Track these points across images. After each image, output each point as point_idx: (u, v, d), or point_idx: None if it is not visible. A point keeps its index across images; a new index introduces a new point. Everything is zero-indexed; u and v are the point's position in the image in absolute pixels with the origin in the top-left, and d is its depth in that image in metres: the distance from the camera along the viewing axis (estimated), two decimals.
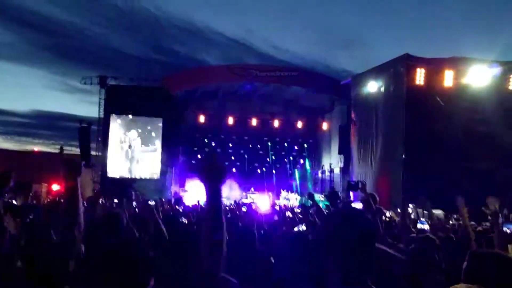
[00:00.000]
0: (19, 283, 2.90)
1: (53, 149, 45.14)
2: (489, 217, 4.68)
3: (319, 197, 24.19)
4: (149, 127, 27.10)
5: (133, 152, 27.01)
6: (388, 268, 3.51)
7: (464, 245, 4.52)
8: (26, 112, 56.69)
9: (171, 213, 9.18)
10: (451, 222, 9.40)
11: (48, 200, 14.86)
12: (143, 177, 26.38)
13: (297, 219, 9.18)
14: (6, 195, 5.69)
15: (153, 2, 73.08)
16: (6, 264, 2.97)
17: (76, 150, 26.92)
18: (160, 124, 26.96)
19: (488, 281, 2.52)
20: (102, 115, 26.78)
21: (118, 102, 26.36)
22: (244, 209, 13.22)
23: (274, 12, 75.56)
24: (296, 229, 6.55)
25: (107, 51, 63.33)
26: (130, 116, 26.88)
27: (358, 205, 6.19)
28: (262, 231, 6.14)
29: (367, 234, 1.98)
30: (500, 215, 4.47)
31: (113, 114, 26.78)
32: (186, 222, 7.79)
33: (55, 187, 20.88)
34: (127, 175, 26.36)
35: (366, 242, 1.96)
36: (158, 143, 26.99)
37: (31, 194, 7.70)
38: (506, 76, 19.05)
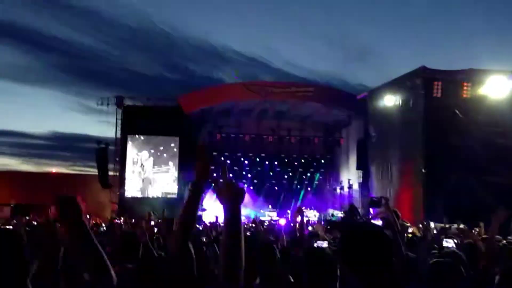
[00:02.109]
0: None
1: (71, 170, 45.43)
2: None
3: (338, 214, 24.07)
4: (161, 148, 27.24)
5: (145, 173, 27.13)
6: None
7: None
8: (43, 134, 57.25)
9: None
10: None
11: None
12: (157, 197, 26.46)
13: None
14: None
15: (168, 22, 74.10)
16: None
17: (94, 171, 27.10)
18: (173, 145, 27.07)
19: None
20: (119, 136, 26.97)
21: (134, 122, 26.58)
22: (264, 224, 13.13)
23: (289, 28, 75.88)
24: (315, 245, 6.43)
25: (123, 71, 63.97)
26: (142, 137, 27.05)
27: (378, 222, 6.05)
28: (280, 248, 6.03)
29: (385, 251, 2.00)
30: None
31: (130, 135, 26.97)
32: (205, 240, 7.74)
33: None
34: (140, 195, 26.45)
35: (383, 258, 1.98)
36: (171, 164, 27.12)
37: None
38: None
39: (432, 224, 8.49)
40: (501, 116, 18.06)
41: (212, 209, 23.84)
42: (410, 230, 10.84)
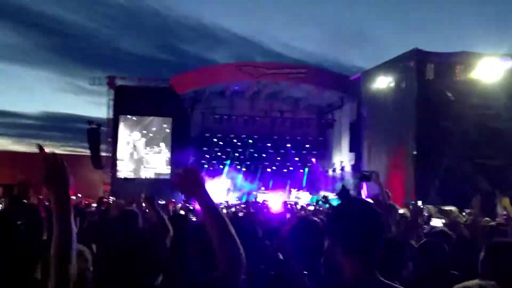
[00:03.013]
0: None
1: (63, 150, 45.27)
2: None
3: (330, 196, 24.15)
4: (154, 128, 27.13)
5: (138, 153, 27.07)
6: (399, 262, 3.42)
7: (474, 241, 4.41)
8: (35, 114, 56.94)
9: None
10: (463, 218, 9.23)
11: None
12: (150, 178, 26.44)
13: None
14: None
15: (161, 1, 73.18)
16: None
17: (87, 152, 27.04)
18: (165, 125, 26.98)
19: (506, 273, 2.43)
20: (111, 116, 26.84)
21: (126, 103, 26.41)
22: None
23: (283, 9, 75.35)
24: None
25: (115, 51, 63.46)
26: (134, 117, 26.91)
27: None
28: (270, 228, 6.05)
29: (375, 226, 1.98)
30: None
31: (122, 115, 26.84)
32: (195, 219, 7.75)
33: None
34: (133, 176, 26.39)
35: (373, 233, 1.97)
36: (162, 145, 27.05)
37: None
38: None
39: (420, 203, 8.56)
40: (493, 99, 18.11)
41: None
42: (401, 211, 10.93)
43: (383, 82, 21.11)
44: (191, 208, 10.73)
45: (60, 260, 2.10)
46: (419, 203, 9.00)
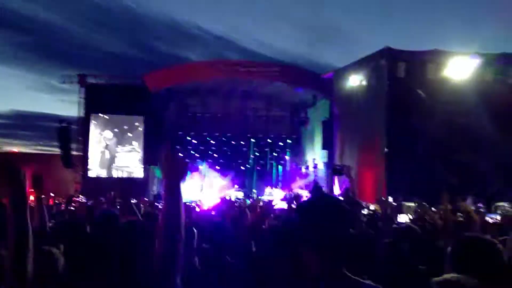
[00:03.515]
0: None
1: (33, 150, 44.59)
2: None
3: (303, 193, 24.28)
4: (126, 127, 26.86)
5: (110, 152, 26.78)
6: (369, 257, 3.45)
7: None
8: (5, 113, 55.89)
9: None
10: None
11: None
12: (122, 177, 26.17)
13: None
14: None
15: None
16: None
17: (57, 151, 26.64)
18: (138, 124, 26.75)
19: (474, 266, 2.46)
20: (82, 114, 26.52)
21: (98, 101, 26.13)
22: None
23: (257, 7, 75.44)
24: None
25: (86, 49, 62.72)
26: (106, 116, 26.61)
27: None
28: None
29: (341, 222, 1.98)
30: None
31: (93, 113, 26.54)
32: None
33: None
34: (105, 175, 26.11)
35: (340, 228, 1.96)
36: (135, 143, 26.84)
37: None
38: (486, 67, 19.09)
39: (390, 199, 8.66)
40: (463, 96, 18.37)
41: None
42: (372, 207, 11.03)
43: (355, 80, 21.28)
44: (160, 207, 10.65)
45: (15, 260, 2.08)
46: (390, 199, 9.08)
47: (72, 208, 8.62)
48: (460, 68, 18.69)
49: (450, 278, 2.26)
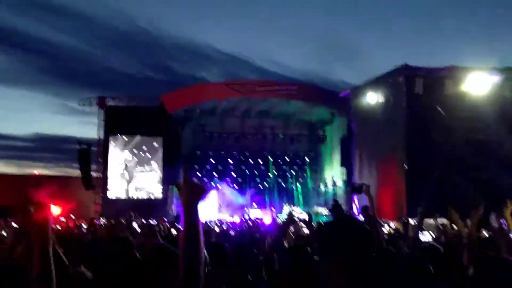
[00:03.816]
0: None
1: (54, 172, 45.00)
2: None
3: (322, 211, 24.18)
4: (144, 148, 27.03)
5: (129, 173, 26.94)
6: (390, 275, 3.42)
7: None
8: (26, 136, 56.78)
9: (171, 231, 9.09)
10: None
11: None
12: (141, 198, 26.30)
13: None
14: None
15: (151, 21, 73.52)
16: None
17: (77, 172, 26.89)
18: (157, 145, 26.92)
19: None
20: (102, 136, 26.79)
21: (117, 123, 26.41)
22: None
23: (272, 27, 75.87)
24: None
25: (105, 72, 63.54)
26: (125, 137, 26.84)
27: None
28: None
29: (361, 239, 1.94)
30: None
31: (112, 135, 26.80)
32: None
33: (55, 210, 20.73)
34: (125, 197, 26.23)
35: (360, 246, 1.92)
36: (154, 164, 26.95)
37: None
38: (505, 83, 18.95)
39: (411, 221, 8.56)
40: (482, 112, 18.26)
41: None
42: (392, 225, 10.95)
43: (372, 98, 21.24)
44: (179, 227, 10.67)
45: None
46: (411, 221, 8.99)
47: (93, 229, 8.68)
48: (479, 84, 18.58)
49: None
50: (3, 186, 27.76)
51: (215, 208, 26.35)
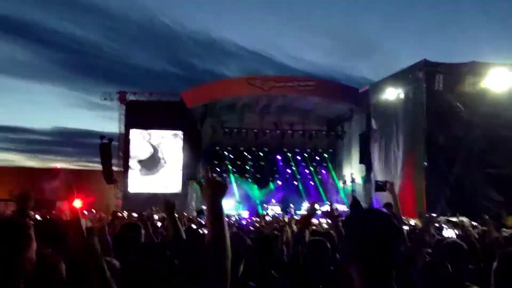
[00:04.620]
0: None
1: (75, 165, 45.54)
2: None
3: (341, 208, 24.13)
4: (164, 142, 27.28)
5: (150, 168, 27.19)
6: (409, 274, 3.48)
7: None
8: (47, 130, 57.51)
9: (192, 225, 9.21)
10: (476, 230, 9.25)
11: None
12: (162, 193, 26.52)
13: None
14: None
15: (171, 16, 73.93)
16: None
17: (98, 167, 27.23)
18: (177, 139, 27.15)
19: None
20: (122, 131, 27.10)
21: (137, 117, 26.71)
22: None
23: (291, 22, 75.85)
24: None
25: (126, 66, 64.16)
26: (145, 131, 27.12)
27: None
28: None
29: (389, 232, 1.93)
30: None
31: (133, 129, 27.08)
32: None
33: (77, 203, 21.04)
34: (145, 191, 26.47)
35: (388, 240, 1.91)
36: (174, 159, 27.16)
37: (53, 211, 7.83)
38: None
39: (434, 215, 8.55)
40: (503, 109, 18.12)
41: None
42: (412, 222, 10.95)
43: (392, 94, 21.13)
44: (203, 222, 10.80)
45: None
46: (433, 215, 8.99)
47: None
48: (499, 80, 18.41)
49: None
50: (26, 180, 28.21)
51: (234, 204, 26.49)
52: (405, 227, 7.30)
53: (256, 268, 4.01)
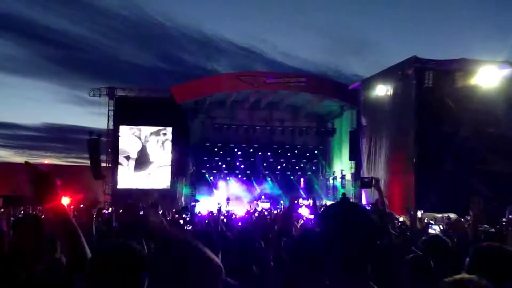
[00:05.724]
0: None
1: (64, 161, 45.33)
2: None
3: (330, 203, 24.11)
4: (154, 139, 27.15)
5: (138, 164, 27.05)
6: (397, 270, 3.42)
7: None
8: (36, 126, 56.93)
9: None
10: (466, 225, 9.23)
11: None
12: (151, 188, 26.41)
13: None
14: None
15: (162, 12, 73.52)
16: None
17: (87, 163, 27.04)
18: (167, 136, 27.03)
19: (490, 274, 2.40)
20: (111, 127, 26.92)
21: (127, 113, 26.54)
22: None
23: (283, 18, 75.76)
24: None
25: (115, 62, 63.64)
26: (135, 127, 26.96)
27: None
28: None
29: (365, 223, 1.93)
30: None
31: (122, 125, 26.91)
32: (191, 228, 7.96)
33: (65, 200, 20.86)
34: (134, 187, 26.34)
35: (364, 231, 1.90)
36: (163, 154, 27.05)
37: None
38: None
39: (419, 213, 8.54)
40: (492, 106, 18.13)
41: (206, 202, 23.90)
42: (400, 219, 10.92)
43: (382, 90, 21.14)
44: (187, 218, 10.73)
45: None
46: (419, 213, 8.96)
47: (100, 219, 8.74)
48: (489, 77, 18.44)
49: (462, 278, 2.13)
50: (14, 176, 27.98)
51: (223, 201, 26.42)
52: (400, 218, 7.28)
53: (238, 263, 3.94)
